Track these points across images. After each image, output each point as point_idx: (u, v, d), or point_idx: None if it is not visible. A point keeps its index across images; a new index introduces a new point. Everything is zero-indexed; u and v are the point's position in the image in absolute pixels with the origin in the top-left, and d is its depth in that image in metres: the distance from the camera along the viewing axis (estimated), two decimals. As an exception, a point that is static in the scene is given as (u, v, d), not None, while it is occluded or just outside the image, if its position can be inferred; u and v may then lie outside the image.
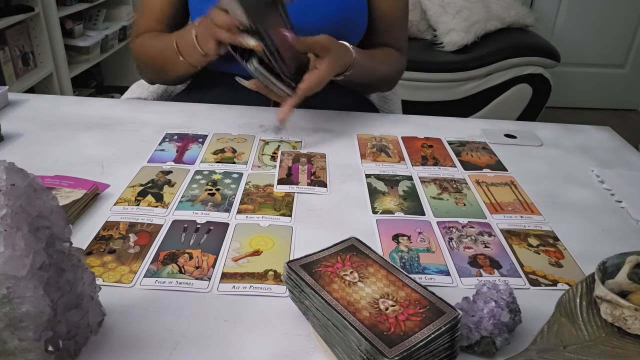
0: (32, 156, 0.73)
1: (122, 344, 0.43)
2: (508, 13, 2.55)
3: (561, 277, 0.54)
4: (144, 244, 0.56)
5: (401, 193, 0.68)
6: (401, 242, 0.58)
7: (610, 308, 0.45)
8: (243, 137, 0.81)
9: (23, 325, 0.35)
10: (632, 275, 0.48)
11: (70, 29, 2.36)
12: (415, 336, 0.38)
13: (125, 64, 2.92)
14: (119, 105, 0.93)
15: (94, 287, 0.42)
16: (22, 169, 0.38)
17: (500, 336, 0.43)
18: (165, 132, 0.82)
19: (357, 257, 0.46)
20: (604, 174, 0.76)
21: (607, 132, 0.93)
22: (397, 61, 1.00)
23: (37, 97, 0.94)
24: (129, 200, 0.63)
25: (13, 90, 1.03)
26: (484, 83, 2.43)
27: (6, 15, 1.92)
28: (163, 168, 0.71)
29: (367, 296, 0.41)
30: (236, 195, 0.66)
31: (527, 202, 0.68)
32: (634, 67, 3.08)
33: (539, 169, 0.77)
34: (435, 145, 0.83)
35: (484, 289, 0.45)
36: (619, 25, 2.97)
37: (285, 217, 0.62)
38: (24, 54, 2.13)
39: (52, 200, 0.39)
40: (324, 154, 0.77)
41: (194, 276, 0.51)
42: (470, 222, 0.63)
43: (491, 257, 0.56)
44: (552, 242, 0.60)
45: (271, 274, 0.52)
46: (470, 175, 0.74)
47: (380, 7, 0.96)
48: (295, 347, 0.44)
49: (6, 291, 0.34)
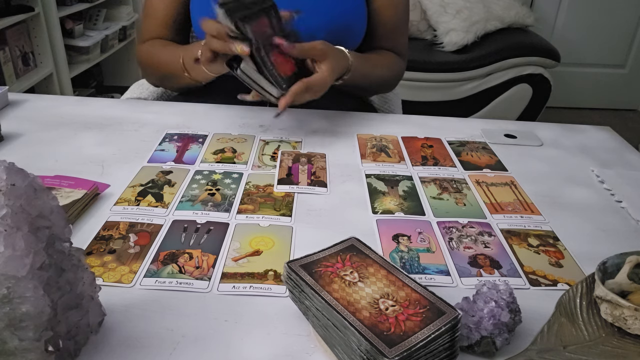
0: (32, 156, 0.73)
1: (122, 344, 0.43)
2: (508, 13, 2.55)
3: (561, 277, 0.54)
4: (144, 244, 0.56)
5: (401, 193, 0.68)
6: (401, 242, 0.58)
7: (610, 308, 0.45)
8: (243, 137, 0.81)
9: (23, 325, 0.35)
10: (632, 275, 0.48)
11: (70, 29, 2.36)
12: (415, 336, 0.38)
13: (125, 64, 2.92)
14: (119, 105, 0.93)
15: (94, 287, 0.42)
16: (22, 169, 0.38)
17: (500, 336, 0.43)
18: (165, 132, 0.82)
19: (357, 257, 0.46)
20: (604, 174, 0.76)
21: (607, 132, 0.93)
22: (396, 65, 1.00)
23: (37, 97, 0.94)
24: (129, 200, 0.63)
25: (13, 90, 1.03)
26: (484, 83, 2.43)
27: (6, 15, 1.92)
28: (163, 168, 0.71)
29: (367, 296, 0.41)
30: (236, 195, 0.66)
31: (527, 202, 0.68)
32: (634, 67, 3.08)
33: (539, 169, 0.77)
34: (435, 145, 0.83)
35: (484, 289, 0.45)
36: (619, 25, 2.97)
37: (285, 217, 0.62)
38: (24, 54, 2.13)
39: (52, 200, 0.39)
40: (324, 154, 0.77)
41: (194, 276, 0.51)
42: (470, 222, 0.63)
43: (491, 257, 0.56)
44: (552, 242, 0.60)
45: (271, 274, 0.52)
46: (470, 175, 0.74)
47: (381, 13, 0.96)
48: (295, 347, 0.44)
49: (6, 291, 0.34)
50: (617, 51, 3.04)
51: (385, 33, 0.98)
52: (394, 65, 1.00)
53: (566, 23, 2.99)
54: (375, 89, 1.05)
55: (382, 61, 0.97)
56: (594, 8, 2.93)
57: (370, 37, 0.98)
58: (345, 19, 0.91)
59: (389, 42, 0.99)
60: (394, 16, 0.97)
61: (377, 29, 0.97)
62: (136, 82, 1.13)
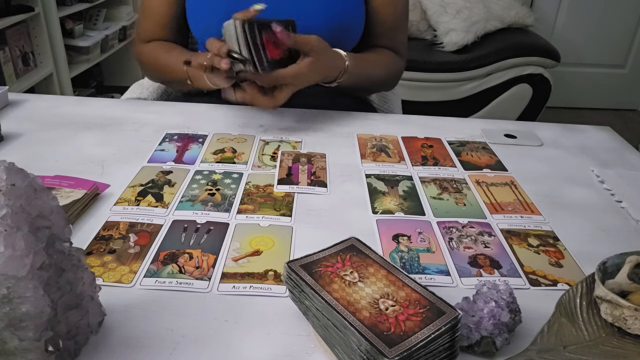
0: (32, 156, 0.73)
1: (122, 344, 0.43)
2: (508, 13, 2.55)
3: (561, 277, 0.54)
4: (144, 244, 0.55)
5: (401, 193, 0.68)
6: (401, 242, 0.58)
7: (610, 308, 0.45)
8: (243, 137, 0.81)
9: (23, 325, 0.35)
10: (632, 275, 0.48)
11: (70, 29, 2.36)
12: (415, 336, 0.38)
13: (125, 64, 2.92)
14: (119, 105, 0.93)
15: (94, 287, 0.42)
16: (22, 169, 0.38)
17: (500, 336, 0.43)
18: (165, 132, 0.82)
19: (357, 257, 0.46)
20: (604, 174, 0.76)
21: (607, 132, 0.93)
22: (394, 64, 1.00)
23: (37, 97, 0.94)
24: (129, 200, 0.63)
25: (13, 90, 1.03)
26: (484, 83, 2.43)
27: (6, 15, 1.92)
28: (163, 168, 0.71)
29: (367, 296, 0.41)
30: (236, 195, 0.66)
31: (527, 202, 0.68)
32: (634, 67, 3.08)
33: (539, 169, 0.77)
34: (435, 145, 0.83)
35: (484, 289, 0.45)
36: (619, 25, 2.97)
37: (285, 217, 0.62)
38: (24, 54, 2.13)
39: (52, 200, 0.39)
40: (324, 154, 0.77)
41: (194, 276, 0.51)
42: (470, 222, 0.63)
43: (491, 257, 0.56)
44: (552, 242, 0.60)
45: (271, 274, 0.52)
46: (470, 175, 0.74)
47: (379, 11, 0.95)
48: (295, 347, 0.44)
49: (6, 291, 0.34)
50: (617, 51, 3.04)
51: (383, 31, 0.98)
52: (393, 64, 1.00)
53: (566, 23, 2.99)
54: (374, 88, 1.04)
55: (380, 61, 0.97)
56: (594, 8, 2.94)
57: (369, 35, 0.97)
58: (343, 17, 0.91)
59: (388, 41, 0.99)
60: (392, 14, 0.97)
61: (375, 27, 0.97)
62: (136, 82, 1.13)
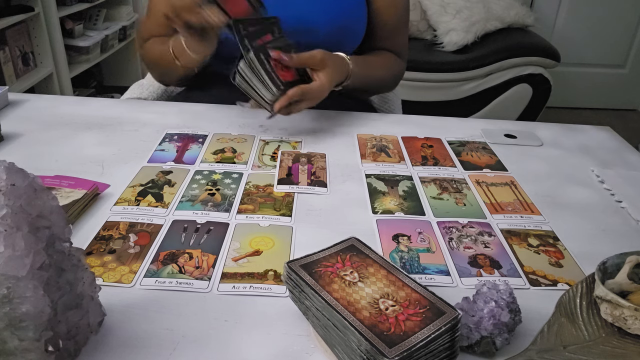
0: (32, 156, 0.73)
1: (122, 344, 0.43)
2: (508, 13, 2.55)
3: (561, 277, 0.54)
4: (144, 244, 0.55)
5: (401, 193, 0.68)
6: (401, 242, 0.58)
7: (610, 308, 0.45)
8: (243, 137, 0.81)
9: (23, 325, 0.35)
10: (632, 275, 0.48)
11: (70, 29, 2.36)
12: (415, 336, 0.38)
13: (125, 64, 2.92)
14: (119, 105, 0.93)
15: (94, 287, 0.42)
16: (22, 169, 0.38)
17: (500, 336, 0.43)
18: (165, 132, 0.82)
19: (357, 257, 0.46)
20: (604, 174, 0.76)
21: (607, 132, 0.93)
22: (395, 66, 1.01)
23: (37, 97, 0.94)
24: (129, 200, 0.63)
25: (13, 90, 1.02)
26: (484, 83, 2.43)
27: (6, 15, 1.92)
28: (163, 168, 0.71)
29: (367, 296, 0.41)
30: (236, 195, 0.66)
31: (527, 202, 0.68)
32: (634, 67, 3.08)
33: (539, 169, 0.77)
34: (435, 145, 0.83)
35: (484, 289, 0.45)
36: (619, 25, 2.97)
37: (285, 217, 0.62)
38: (24, 54, 2.13)
39: (52, 200, 0.39)
40: (324, 154, 0.77)
41: (194, 276, 0.51)
42: (470, 222, 0.63)
43: (491, 257, 0.56)
44: (552, 242, 0.60)
45: (271, 274, 0.52)
46: (470, 175, 0.74)
47: (381, 13, 0.96)
48: (295, 347, 0.44)
49: (6, 291, 0.34)
50: (617, 51, 3.04)
51: (385, 33, 0.98)
52: (394, 66, 1.00)
53: (566, 23, 2.99)
54: (375, 90, 1.05)
55: (382, 63, 0.98)
56: (594, 8, 2.93)
57: (370, 37, 0.98)
58: (345, 19, 0.91)
59: (389, 43, 0.99)
60: (394, 16, 0.97)
61: (377, 29, 0.97)
62: (136, 82, 1.13)
